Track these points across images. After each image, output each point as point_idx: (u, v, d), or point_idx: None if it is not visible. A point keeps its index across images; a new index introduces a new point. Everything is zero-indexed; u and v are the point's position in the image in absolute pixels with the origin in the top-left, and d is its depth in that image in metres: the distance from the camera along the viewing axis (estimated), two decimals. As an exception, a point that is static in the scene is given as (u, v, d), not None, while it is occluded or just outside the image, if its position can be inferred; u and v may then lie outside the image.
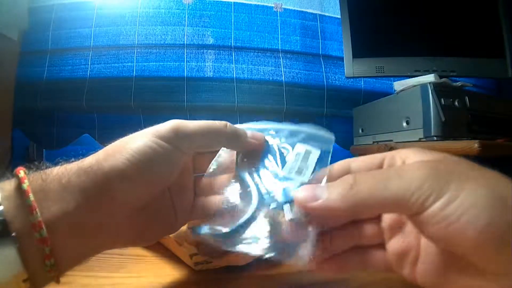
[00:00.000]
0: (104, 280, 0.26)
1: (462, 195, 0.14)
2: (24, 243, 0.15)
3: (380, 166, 0.19)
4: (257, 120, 0.26)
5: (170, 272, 0.28)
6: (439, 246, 0.16)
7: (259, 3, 0.80)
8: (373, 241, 0.20)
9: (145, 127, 0.23)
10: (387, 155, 0.19)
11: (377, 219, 0.20)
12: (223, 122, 0.22)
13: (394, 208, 0.16)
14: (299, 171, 0.22)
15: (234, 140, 0.23)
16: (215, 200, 0.23)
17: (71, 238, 0.17)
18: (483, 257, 0.14)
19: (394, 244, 0.19)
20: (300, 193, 0.17)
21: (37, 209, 0.15)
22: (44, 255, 0.16)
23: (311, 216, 0.18)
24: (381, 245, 0.20)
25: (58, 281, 0.17)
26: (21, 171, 0.17)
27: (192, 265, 0.27)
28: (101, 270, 0.28)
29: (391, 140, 0.63)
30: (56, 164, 0.19)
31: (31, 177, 0.17)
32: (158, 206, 0.22)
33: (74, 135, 0.75)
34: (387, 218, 0.20)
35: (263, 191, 0.22)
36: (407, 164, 0.17)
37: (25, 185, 0.16)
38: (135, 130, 0.23)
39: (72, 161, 0.19)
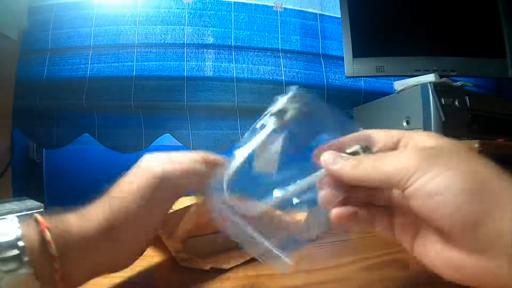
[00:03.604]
0: (104, 280, 0.26)
1: (440, 177, 0.16)
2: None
3: (397, 142, 0.22)
4: (257, 119, 0.26)
5: (171, 273, 0.28)
6: (424, 218, 0.18)
7: (259, 3, 0.80)
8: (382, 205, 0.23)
9: (145, 126, 0.24)
10: (404, 136, 0.22)
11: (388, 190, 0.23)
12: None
13: (387, 182, 0.19)
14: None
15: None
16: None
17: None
18: (455, 234, 0.17)
19: (398, 214, 0.22)
20: (326, 156, 0.21)
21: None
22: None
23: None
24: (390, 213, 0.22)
25: None
26: (47, 234, 0.18)
27: (178, 260, 0.28)
28: (101, 270, 0.28)
29: (391, 140, 0.63)
30: (69, 211, 0.21)
31: (54, 235, 0.19)
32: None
33: (74, 134, 0.75)
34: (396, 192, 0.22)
35: None
36: (403, 150, 0.21)
37: (53, 251, 0.18)
38: (135, 129, 0.23)
39: (87, 211, 0.22)
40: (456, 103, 0.55)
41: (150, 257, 0.32)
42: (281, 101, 0.23)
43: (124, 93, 0.73)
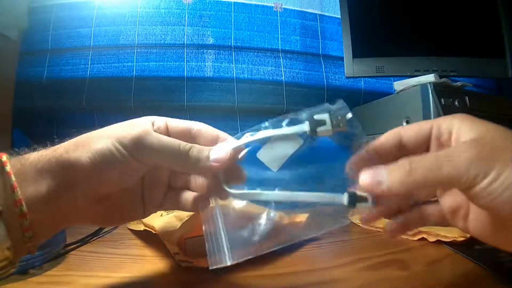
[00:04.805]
0: (104, 280, 0.26)
1: (505, 174, 0.16)
2: (7, 216, 0.17)
3: (428, 136, 0.21)
4: (257, 120, 0.26)
5: (171, 273, 0.28)
6: (489, 213, 0.19)
7: (259, 3, 0.80)
8: (427, 198, 0.23)
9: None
10: (434, 125, 0.21)
11: None
12: (188, 147, 0.23)
13: (448, 186, 0.19)
14: None
15: (193, 167, 0.23)
16: (187, 195, 0.25)
17: (44, 215, 0.19)
18: None
19: (446, 201, 0.22)
20: (365, 179, 0.19)
21: (17, 188, 0.18)
22: (23, 228, 0.18)
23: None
24: (435, 201, 0.23)
25: (34, 251, 0.19)
26: (4, 156, 0.19)
27: (178, 260, 0.28)
28: (101, 270, 0.28)
29: (391, 140, 0.63)
30: (33, 150, 0.21)
31: (12, 161, 0.19)
32: (122, 197, 0.23)
33: (74, 135, 0.75)
34: None
35: None
36: (454, 146, 0.19)
37: (8, 167, 0.18)
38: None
39: (48, 147, 0.21)
40: (456, 103, 0.55)
41: (151, 257, 0.32)
42: (324, 109, 0.22)
43: (124, 93, 0.73)
